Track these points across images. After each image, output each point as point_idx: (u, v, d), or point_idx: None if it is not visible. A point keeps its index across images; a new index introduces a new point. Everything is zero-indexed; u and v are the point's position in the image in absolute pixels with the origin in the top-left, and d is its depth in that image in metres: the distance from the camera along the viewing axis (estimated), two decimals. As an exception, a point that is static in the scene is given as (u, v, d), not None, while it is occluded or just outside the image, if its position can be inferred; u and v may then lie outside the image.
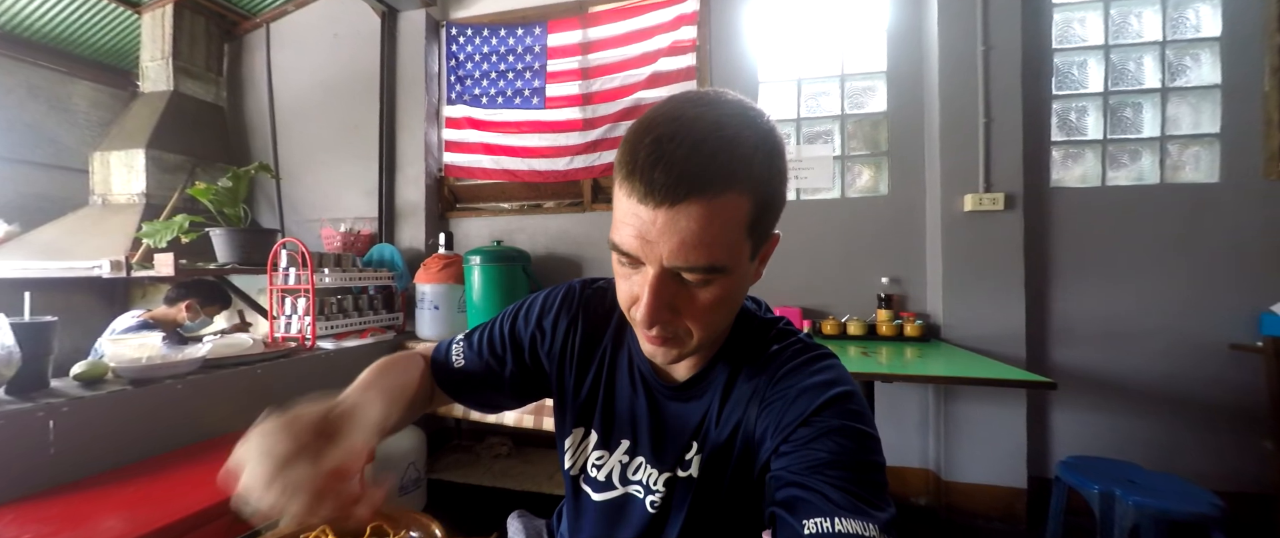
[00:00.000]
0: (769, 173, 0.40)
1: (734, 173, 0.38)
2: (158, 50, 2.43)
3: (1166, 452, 1.74)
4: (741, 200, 0.39)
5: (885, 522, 0.35)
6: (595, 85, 2.26)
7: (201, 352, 1.34)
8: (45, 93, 2.45)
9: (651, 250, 0.39)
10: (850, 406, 0.43)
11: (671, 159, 0.37)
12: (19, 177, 2.36)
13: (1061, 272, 1.86)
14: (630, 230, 0.40)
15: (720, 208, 0.38)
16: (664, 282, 0.41)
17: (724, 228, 0.39)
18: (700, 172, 0.37)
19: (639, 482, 0.53)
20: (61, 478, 1.03)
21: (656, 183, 0.37)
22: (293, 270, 1.78)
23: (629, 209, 0.40)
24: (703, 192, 0.37)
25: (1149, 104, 1.85)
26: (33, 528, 0.84)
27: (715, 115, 0.39)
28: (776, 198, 0.42)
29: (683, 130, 0.38)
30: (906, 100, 2.00)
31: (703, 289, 0.42)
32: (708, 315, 0.43)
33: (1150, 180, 1.83)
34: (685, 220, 0.38)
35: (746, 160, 0.39)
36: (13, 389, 1.07)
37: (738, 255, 0.41)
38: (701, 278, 0.41)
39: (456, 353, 0.62)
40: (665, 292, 0.41)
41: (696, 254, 0.39)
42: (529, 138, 2.33)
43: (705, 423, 0.50)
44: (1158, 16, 1.83)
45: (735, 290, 0.43)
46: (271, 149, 2.62)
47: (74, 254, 1.95)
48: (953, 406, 1.81)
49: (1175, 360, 1.76)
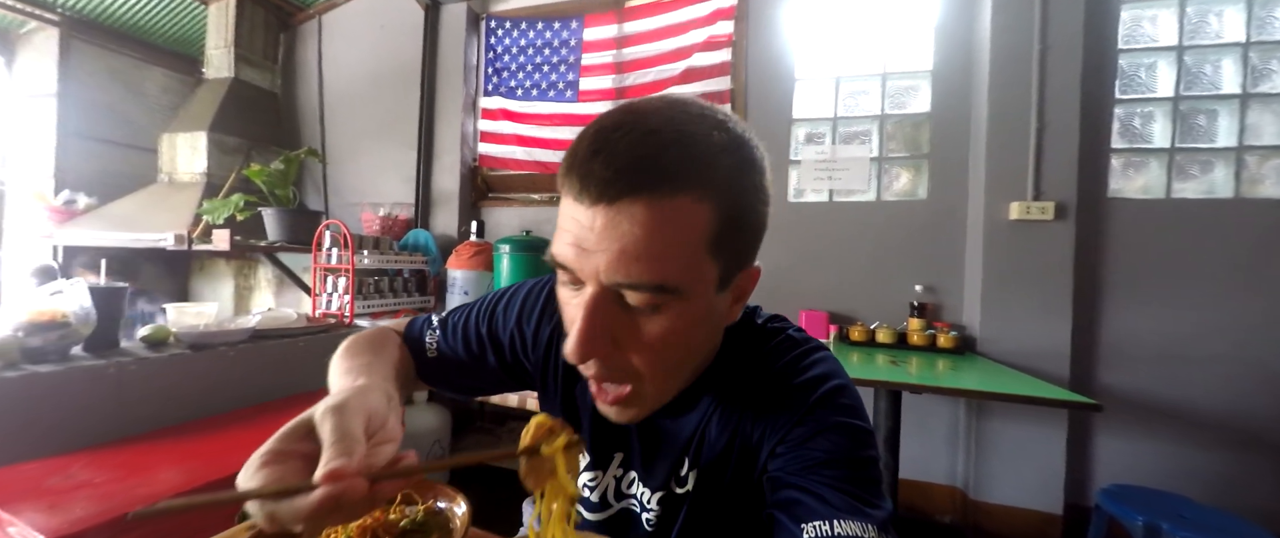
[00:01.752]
0: (739, 182, 0.34)
1: (688, 171, 0.32)
2: (221, 39, 2.59)
3: (1222, 486, 1.61)
4: (699, 207, 0.32)
5: (883, 520, 0.35)
6: (628, 80, 2.26)
7: (251, 323, 1.43)
8: (123, 77, 2.66)
9: (588, 261, 0.33)
10: (843, 400, 0.41)
11: (614, 149, 0.31)
12: (99, 153, 2.57)
13: (1115, 288, 1.75)
14: (567, 237, 0.34)
15: (671, 212, 0.31)
16: (601, 304, 0.34)
17: (676, 238, 0.32)
18: (646, 164, 0.31)
19: (634, 497, 0.50)
20: (126, 431, 1.13)
21: (594, 176, 0.31)
22: (335, 251, 1.88)
23: (567, 212, 0.34)
24: (647, 188, 0.31)
25: (1226, 111, 1.70)
26: (103, 473, 0.92)
27: (675, 112, 0.34)
28: (750, 214, 0.35)
29: (630, 122, 0.32)
30: (952, 101, 1.91)
31: (650, 319, 0.35)
32: (658, 354, 0.36)
33: (1223, 194, 1.69)
34: (627, 223, 0.31)
35: (707, 160, 0.32)
36: (88, 347, 1.18)
37: (696, 277, 0.34)
38: (648, 300, 0.33)
39: (430, 341, 0.57)
40: (602, 317, 0.34)
41: (640, 268, 0.32)
42: (561, 130, 2.36)
43: (696, 437, 0.46)
44: (1241, 16, 1.68)
45: (695, 324, 0.36)
46: (319, 135, 2.75)
47: (143, 227, 2.11)
48: (986, 422, 1.74)
49: (1240, 390, 1.62)
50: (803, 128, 2.12)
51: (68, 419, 1.05)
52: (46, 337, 1.08)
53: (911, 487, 1.86)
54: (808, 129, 2.11)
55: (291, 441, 0.31)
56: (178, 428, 1.18)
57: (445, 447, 1.95)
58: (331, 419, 0.31)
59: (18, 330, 1.05)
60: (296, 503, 0.27)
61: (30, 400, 1.01)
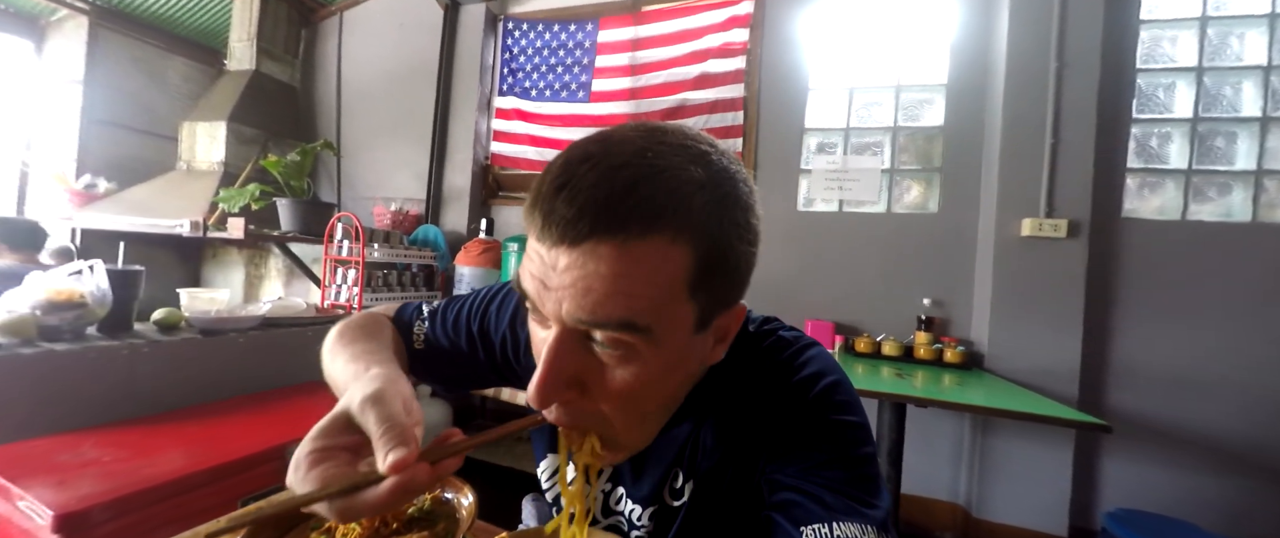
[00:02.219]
0: (719, 221, 0.31)
1: (661, 210, 0.29)
2: (244, 31, 2.64)
3: (1230, 515, 1.58)
4: (674, 248, 0.30)
5: (881, 520, 0.35)
6: (641, 81, 2.27)
7: (262, 311, 1.45)
8: (147, 65, 2.72)
9: (551, 301, 0.31)
10: (837, 397, 0.41)
11: (579, 185, 0.29)
12: (120, 139, 2.62)
13: (1127, 309, 1.72)
14: (532, 268, 0.32)
15: (641, 254, 0.29)
16: (566, 345, 0.32)
17: (647, 279, 0.30)
18: (612, 203, 0.28)
19: (622, 513, 0.49)
20: (137, 411, 1.14)
21: (557, 214, 0.29)
22: (346, 243, 1.90)
23: (532, 248, 0.32)
24: (614, 230, 0.29)
25: (1245, 133, 1.69)
26: (111, 452, 0.93)
27: (650, 143, 0.31)
28: (731, 253, 0.32)
29: (599, 154, 0.30)
30: (966, 116, 1.91)
31: (620, 363, 0.32)
32: (627, 400, 0.34)
33: (1240, 217, 1.67)
34: (593, 264, 0.29)
35: (681, 198, 0.30)
36: (103, 328, 1.20)
37: (669, 318, 0.31)
38: (615, 340, 0.31)
39: (418, 332, 0.56)
40: (567, 359, 0.32)
41: (606, 306, 0.30)
42: (573, 131, 2.38)
43: (690, 447, 0.45)
44: (1263, 38, 1.66)
45: (668, 369, 0.34)
46: (336, 129, 2.79)
47: (160, 212, 2.15)
48: (991, 440, 1.72)
49: (1252, 417, 1.59)
50: (814, 137, 2.12)
51: (80, 398, 1.07)
52: (63, 316, 1.10)
53: (913, 502, 1.84)
54: (819, 138, 2.11)
55: (333, 436, 0.31)
56: (186, 411, 1.19)
57: (446, 442, 1.95)
58: (375, 410, 0.30)
59: (36, 308, 1.07)
60: (367, 496, 0.27)
61: (45, 378, 1.03)
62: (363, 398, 0.31)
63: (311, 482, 0.28)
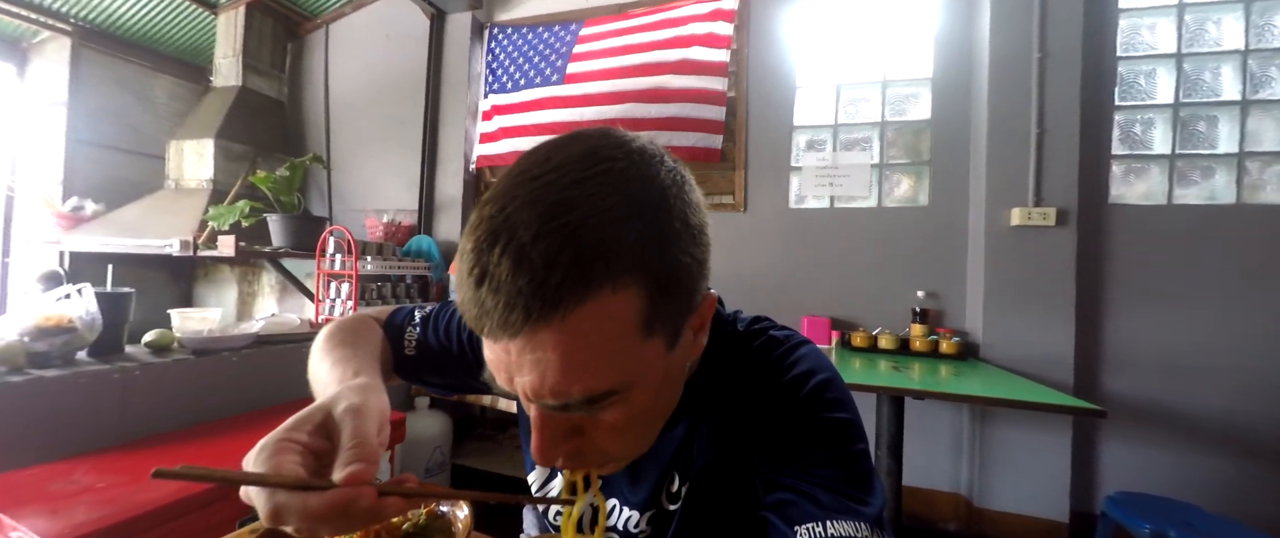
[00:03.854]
0: (656, 245, 0.29)
1: (589, 271, 0.27)
2: (230, 48, 2.62)
3: (1229, 495, 1.59)
4: (617, 298, 0.28)
5: (874, 517, 0.35)
6: (619, 61, 2.21)
7: (255, 329, 1.44)
8: (131, 85, 2.69)
9: (518, 387, 0.31)
10: (828, 394, 0.41)
11: (496, 277, 0.27)
12: (106, 160, 2.60)
13: (1118, 294, 1.74)
14: (488, 356, 0.31)
15: (584, 322, 0.28)
16: (550, 416, 0.32)
17: (602, 345, 0.29)
18: (535, 288, 0.26)
19: (613, 527, 0.48)
20: (130, 435, 1.13)
21: (486, 310, 0.28)
22: (339, 256, 1.89)
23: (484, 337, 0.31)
24: (547, 312, 0.27)
25: (1226, 117, 1.71)
26: (106, 478, 0.92)
27: (556, 193, 0.28)
28: (679, 270, 0.31)
29: (507, 230, 0.27)
30: (952, 108, 1.92)
31: (606, 412, 0.33)
32: (624, 433, 0.35)
33: (1224, 200, 1.69)
34: (539, 351, 0.28)
35: (609, 245, 0.27)
36: (93, 352, 1.19)
37: (638, 363, 0.31)
38: (590, 406, 0.31)
39: (410, 337, 0.56)
40: (556, 425, 0.33)
41: (568, 386, 0.29)
42: (545, 113, 2.32)
43: (684, 449, 0.45)
44: (1240, 24, 1.69)
45: (655, 396, 0.35)
46: (325, 142, 2.78)
47: (149, 233, 2.13)
48: (990, 429, 1.73)
49: (1245, 397, 1.61)
50: (804, 135, 2.13)
51: (72, 424, 1.06)
52: (52, 342, 1.08)
53: (915, 494, 1.85)
54: (809, 136, 2.13)
55: (303, 432, 0.30)
56: (181, 433, 1.18)
57: (446, 453, 1.94)
58: (353, 422, 0.30)
59: (24, 335, 1.06)
60: (308, 499, 0.26)
61: (34, 405, 1.02)
62: (346, 407, 0.31)
63: (265, 466, 0.28)
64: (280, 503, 0.27)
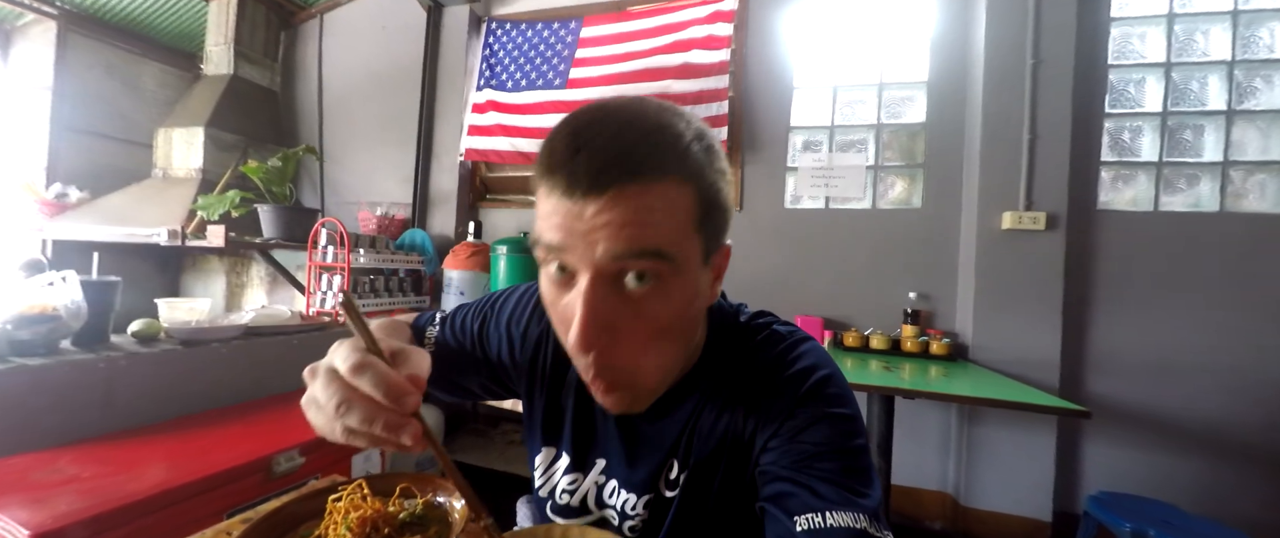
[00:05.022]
0: (710, 167, 0.36)
1: (667, 158, 0.34)
2: (221, 35, 2.58)
3: (1208, 495, 1.63)
4: (682, 190, 0.34)
5: (873, 509, 0.36)
6: (624, 67, 2.21)
7: (245, 320, 1.42)
8: (120, 71, 2.64)
9: (584, 247, 0.34)
10: (830, 389, 0.42)
11: (593, 145, 0.33)
12: (93, 147, 2.55)
13: (1104, 298, 1.77)
14: (557, 227, 0.35)
15: (659, 194, 0.34)
16: (599, 290, 0.35)
17: (668, 212, 0.34)
18: (629, 155, 0.33)
19: (614, 507, 0.49)
20: (115, 425, 1.11)
21: (579, 171, 0.33)
22: (331, 249, 1.87)
23: (553, 206, 0.35)
24: (634, 176, 0.33)
25: (1212, 126, 1.75)
26: (91, 469, 0.91)
27: (640, 106, 0.36)
28: (721, 197, 0.38)
29: (602, 118, 0.34)
30: (946, 112, 1.94)
31: (646, 298, 0.35)
32: (655, 333, 0.37)
33: (1209, 207, 1.73)
34: (621, 205, 0.33)
35: (681, 148, 0.35)
36: (78, 341, 1.17)
37: (687, 249, 0.36)
38: (649, 268, 0.34)
39: (430, 335, 0.58)
40: (603, 304, 0.35)
41: (641, 236, 0.33)
42: (546, 118, 2.31)
43: (684, 437, 0.46)
44: (1227, 35, 1.72)
45: (687, 301, 0.38)
46: (318, 133, 2.75)
47: (136, 221, 2.09)
48: (977, 429, 1.75)
49: (1225, 400, 1.65)
50: (800, 135, 2.14)
51: (55, 413, 1.04)
52: (35, 330, 1.06)
53: (903, 493, 1.87)
54: (805, 137, 2.14)
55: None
56: (168, 424, 1.16)
57: (438, 448, 1.93)
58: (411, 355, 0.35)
59: (6, 323, 1.04)
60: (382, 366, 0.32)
61: (17, 394, 1.00)
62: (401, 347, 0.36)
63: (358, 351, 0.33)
64: (367, 359, 0.32)
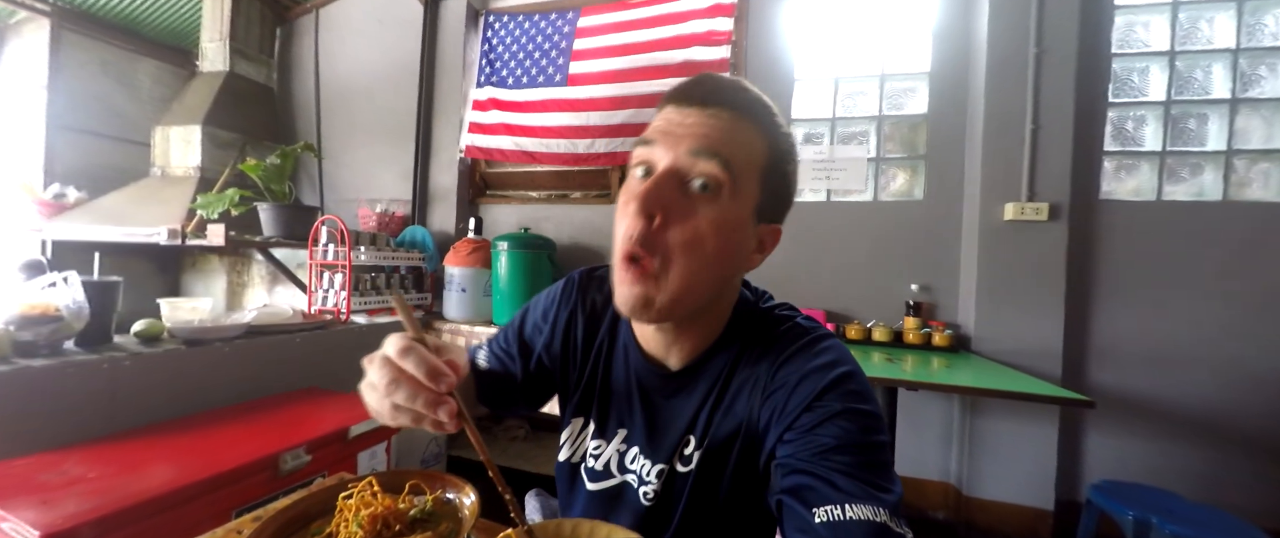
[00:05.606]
0: (785, 142, 0.45)
1: (758, 111, 0.44)
2: (216, 32, 2.56)
3: (1210, 484, 1.64)
4: (762, 139, 0.44)
5: (893, 504, 0.36)
6: (623, 63, 2.19)
7: (247, 318, 1.42)
8: (115, 69, 2.62)
9: (672, 142, 0.42)
10: (852, 386, 0.42)
11: (710, 80, 0.44)
12: (89, 146, 2.53)
13: (1106, 288, 1.77)
14: (659, 124, 0.44)
15: (745, 128, 0.43)
16: (668, 179, 0.42)
17: (744, 144, 0.42)
18: (737, 95, 0.43)
19: (634, 472, 0.52)
20: (120, 426, 1.11)
21: (696, 90, 0.43)
22: (331, 247, 1.86)
23: (664, 116, 0.45)
24: (733, 107, 0.43)
25: (1216, 115, 1.74)
26: (96, 469, 0.91)
27: (749, 83, 0.46)
28: (787, 165, 0.46)
29: (721, 75, 0.46)
30: (948, 103, 1.93)
31: (699, 205, 0.41)
32: (693, 242, 0.41)
33: (1212, 196, 1.72)
34: (715, 119, 0.42)
35: (771, 117, 0.45)
36: (81, 342, 1.16)
37: (747, 183, 0.43)
38: (711, 174, 0.41)
39: (481, 358, 0.61)
40: (665, 188, 0.41)
41: (715, 145, 0.41)
42: (549, 117, 2.29)
43: (701, 416, 0.48)
44: (1232, 22, 1.71)
45: (730, 230, 0.42)
46: (315, 130, 2.73)
47: (135, 221, 2.08)
48: (979, 419, 1.76)
49: (1227, 389, 1.65)
50: (801, 128, 2.13)
51: (60, 415, 1.04)
52: (38, 331, 1.06)
53: (905, 483, 1.87)
54: (806, 129, 2.13)
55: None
56: (173, 423, 1.16)
57: (442, 444, 1.94)
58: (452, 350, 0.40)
59: (9, 324, 1.03)
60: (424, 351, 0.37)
61: (21, 395, 1.00)
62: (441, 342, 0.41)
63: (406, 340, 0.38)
64: (412, 345, 0.37)
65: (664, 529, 0.50)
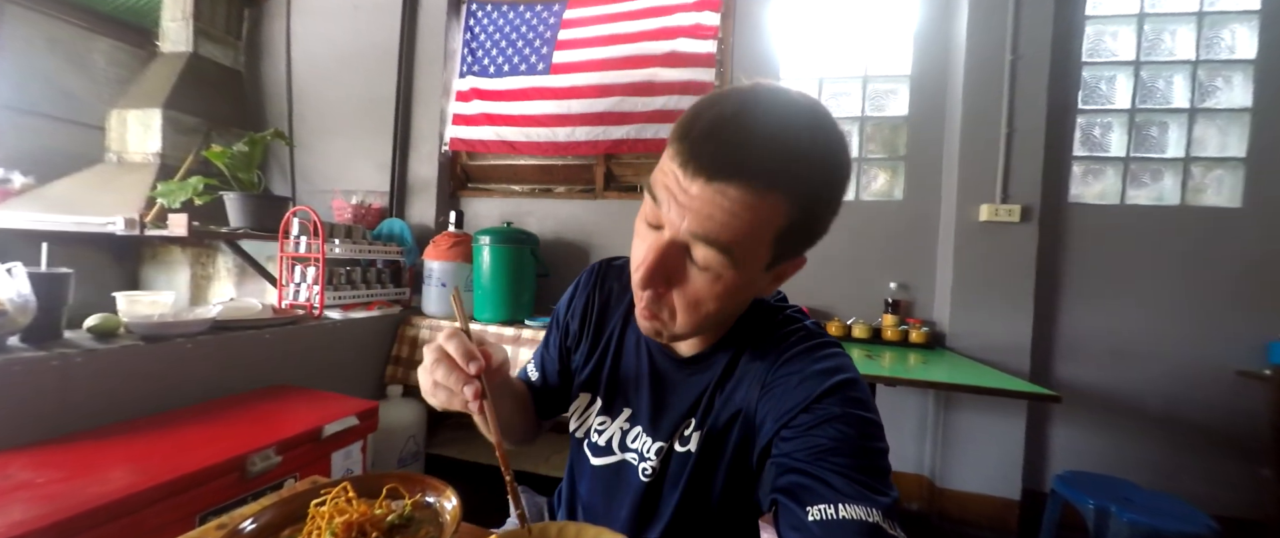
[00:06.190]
0: (822, 190, 0.39)
1: (779, 173, 0.37)
2: (179, 10, 2.42)
3: (1165, 473, 1.74)
4: (781, 205, 0.38)
5: (887, 506, 0.35)
6: (609, 52, 2.17)
7: (212, 313, 1.35)
8: (65, 46, 2.45)
9: (675, 212, 0.39)
10: (852, 393, 0.42)
11: (724, 137, 0.37)
12: (34, 128, 2.37)
13: (1072, 287, 1.85)
14: (668, 182, 0.40)
15: (756, 202, 0.37)
16: (671, 248, 0.41)
17: (753, 223, 0.38)
18: (746, 160, 0.36)
19: (635, 450, 0.54)
20: (72, 426, 1.05)
21: (703, 154, 0.37)
22: (304, 239, 1.79)
23: (671, 169, 0.40)
24: (740, 179, 0.36)
25: (1175, 124, 1.82)
26: (46, 473, 0.85)
27: (788, 111, 0.38)
28: (817, 222, 0.41)
29: (748, 112, 0.37)
30: (928, 106, 1.97)
31: (703, 274, 0.41)
32: (695, 305, 0.43)
33: (1170, 201, 1.81)
34: (720, 198, 0.37)
35: (802, 168, 0.38)
36: (27, 338, 1.09)
37: (752, 257, 0.40)
38: (710, 259, 0.39)
39: (530, 368, 0.66)
40: (669, 260, 0.41)
41: (717, 229, 0.38)
42: (530, 105, 2.25)
43: (703, 400, 0.50)
44: (1192, 35, 1.79)
45: (736, 292, 0.42)
46: (287, 117, 2.62)
47: (88, 209, 1.96)
48: (952, 414, 1.82)
49: (1181, 383, 1.75)
50: (785, 126, 2.14)
51: (5, 415, 0.97)
52: (-22, 326, 0.99)
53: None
54: (790, 128, 2.14)
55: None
56: (130, 424, 1.10)
57: (420, 443, 1.90)
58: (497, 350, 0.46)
59: (-55, 318, 0.96)
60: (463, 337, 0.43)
61: (-40, 395, 0.93)
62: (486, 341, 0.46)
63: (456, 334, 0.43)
64: (456, 332, 0.43)
65: (660, 507, 0.52)
